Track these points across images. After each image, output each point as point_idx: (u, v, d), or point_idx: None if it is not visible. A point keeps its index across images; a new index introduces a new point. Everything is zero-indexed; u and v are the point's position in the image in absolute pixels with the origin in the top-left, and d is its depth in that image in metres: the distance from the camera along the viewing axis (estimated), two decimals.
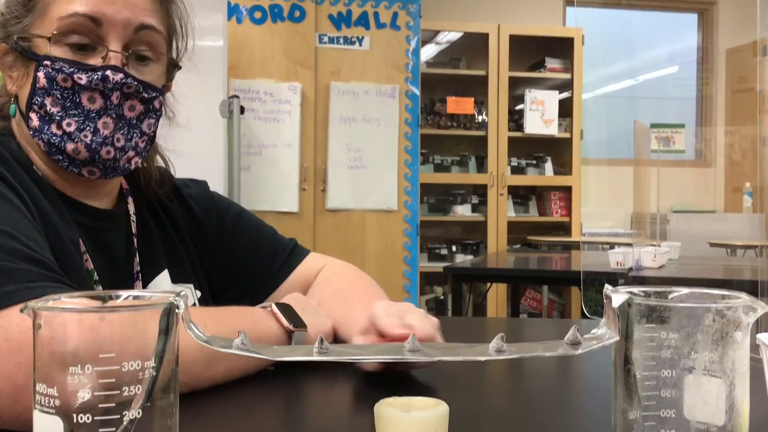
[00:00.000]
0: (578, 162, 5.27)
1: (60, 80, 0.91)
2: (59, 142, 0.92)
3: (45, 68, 0.91)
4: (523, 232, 5.40)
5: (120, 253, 1.02)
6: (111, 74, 0.91)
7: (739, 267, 3.76)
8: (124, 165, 0.97)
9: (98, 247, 0.97)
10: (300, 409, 0.82)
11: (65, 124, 0.91)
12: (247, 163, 3.91)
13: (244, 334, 0.53)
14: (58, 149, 0.92)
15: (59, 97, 0.91)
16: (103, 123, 0.92)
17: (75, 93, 0.91)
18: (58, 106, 0.91)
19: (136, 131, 0.96)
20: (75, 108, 0.91)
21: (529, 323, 2.41)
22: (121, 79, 0.92)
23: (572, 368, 1.04)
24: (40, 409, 0.47)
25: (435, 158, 5.25)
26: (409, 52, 4.22)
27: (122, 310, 0.51)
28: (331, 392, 0.86)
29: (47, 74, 0.91)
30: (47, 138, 0.92)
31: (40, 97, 0.92)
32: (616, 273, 3.00)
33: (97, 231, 0.98)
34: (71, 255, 0.90)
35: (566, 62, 5.34)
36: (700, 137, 6.23)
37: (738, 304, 0.52)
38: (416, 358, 0.55)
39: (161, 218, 1.10)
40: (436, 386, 0.84)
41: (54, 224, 0.89)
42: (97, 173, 0.95)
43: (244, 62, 4.00)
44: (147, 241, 1.06)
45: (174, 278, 1.07)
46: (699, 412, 0.53)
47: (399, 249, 4.21)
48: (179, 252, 1.10)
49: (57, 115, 0.91)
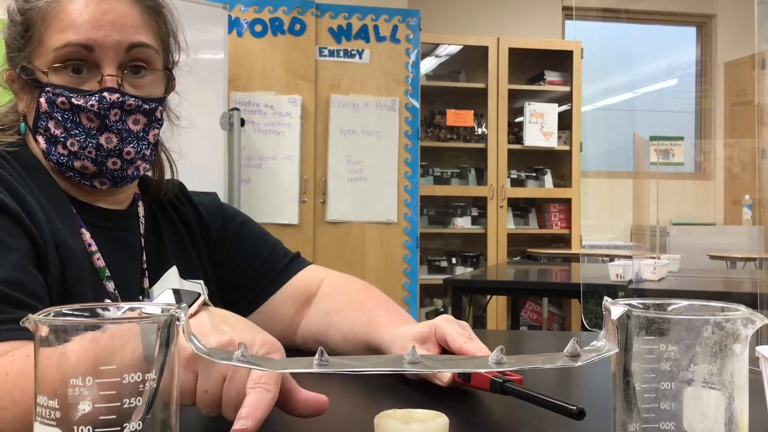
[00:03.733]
0: (578, 174, 5.27)
1: (59, 104, 0.96)
2: (67, 161, 0.97)
3: (46, 94, 0.96)
4: (522, 245, 5.40)
5: (133, 251, 1.05)
6: (108, 95, 0.95)
7: (738, 279, 3.76)
8: (133, 173, 1.01)
9: (111, 246, 1.01)
10: (299, 421, 0.82)
11: (69, 144, 0.96)
12: (248, 175, 3.92)
13: (245, 346, 0.54)
14: (67, 167, 0.98)
15: (60, 120, 0.96)
16: (106, 138, 0.97)
17: (75, 114, 0.96)
18: (60, 128, 0.96)
19: (144, 143, 1.01)
20: (76, 128, 0.96)
21: (529, 335, 2.40)
22: (118, 98, 0.96)
23: (572, 380, 1.04)
24: (41, 421, 0.47)
25: (435, 170, 5.26)
26: (409, 64, 4.23)
27: (123, 322, 0.51)
28: (331, 404, 0.86)
29: (48, 99, 0.96)
30: (56, 158, 0.98)
31: (44, 121, 0.97)
32: (616, 285, 3.00)
33: (110, 230, 1.03)
34: (78, 260, 0.93)
35: (565, 75, 5.36)
36: (699, 150, 6.24)
37: (737, 316, 0.53)
38: (416, 369, 0.55)
39: (172, 218, 1.14)
40: (435, 398, 0.84)
41: (60, 229, 0.92)
42: (107, 183, 1.00)
43: (245, 75, 4.01)
44: (155, 239, 1.10)
45: (183, 274, 1.10)
46: (698, 424, 0.53)
47: (399, 261, 4.21)
48: (189, 249, 1.14)
49: (61, 136, 0.97)
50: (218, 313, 0.75)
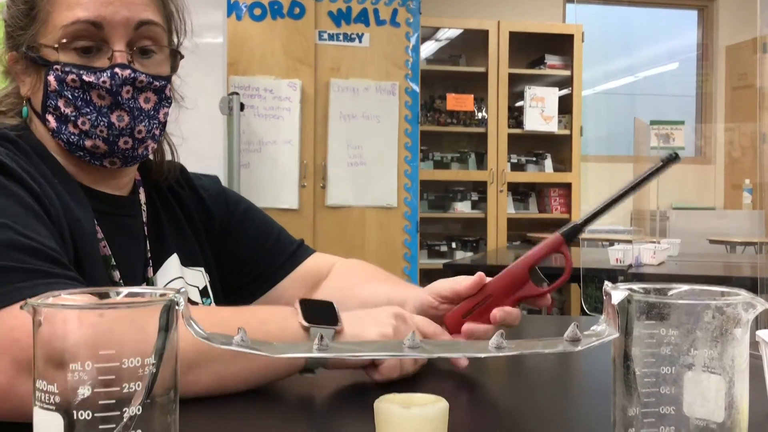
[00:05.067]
0: (578, 159, 5.26)
1: (69, 82, 0.94)
2: (78, 140, 0.96)
3: (55, 72, 0.95)
4: (522, 229, 5.39)
5: (136, 238, 1.05)
6: (119, 71, 0.94)
7: (738, 264, 3.76)
8: (142, 152, 1.01)
9: (115, 233, 1.00)
10: (300, 405, 0.82)
11: (80, 123, 0.95)
12: (247, 159, 3.91)
13: (244, 330, 0.53)
14: (78, 147, 0.96)
15: (71, 98, 0.95)
16: (117, 116, 0.96)
17: (85, 92, 0.95)
18: (71, 107, 0.95)
19: (155, 121, 1.00)
20: (87, 106, 0.95)
21: (528, 320, 2.41)
22: (129, 74, 0.95)
23: (572, 365, 1.04)
24: (40, 406, 0.47)
25: (435, 155, 5.25)
26: (409, 48, 4.21)
27: (122, 306, 0.51)
28: (330, 388, 0.86)
29: (57, 77, 0.95)
30: (66, 137, 0.96)
31: (53, 100, 0.96)
32: (615, 270, 3.00)
33: (114, 217, 1.02)
34: (91, 243, 0.93)
35: (566, 59, 5.33)
36: (699, 134, 6.22)
37: (738, 300, 0.52)
38: (416, 354, 0.55)
39: (171, 205, 1.13)
40: (435, 382, 0.84)
41: (74, 214, 0.92)
42: (118, 163, 0.99)
43: (244, 59, 3.99)
44: (156, 226, 1.09)
45: (184, 262, 1.10)
46: (698, 408, 0.53)
47: (399, 246, 4.21)
48: (189, 237, 1.13)
49: (72, 115, 0.95)
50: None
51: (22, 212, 0.83)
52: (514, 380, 0.96)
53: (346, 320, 0.86)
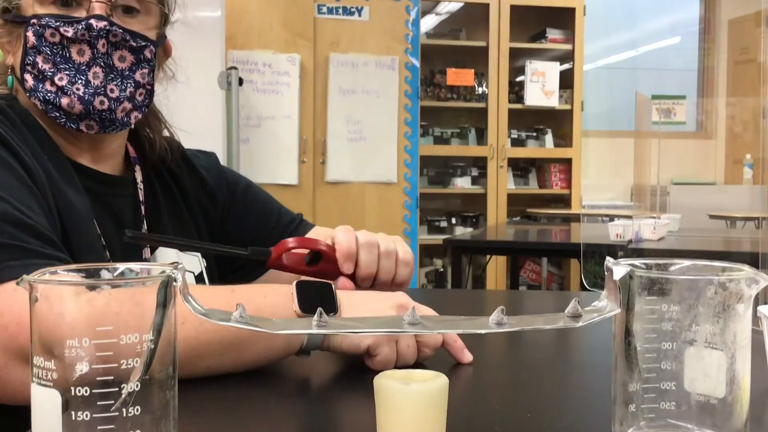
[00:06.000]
0: (579, 134, 5.24)
1: (48, 36, 0.92)
2: (54, 98, 0.93)
3: (33, 26, 0.92)
4: (522, 205, 5.39)
5: (127, 219, 1.02)
6: (95, 22, 0.91)
7: (738, 239, 3.76)
8: (123, 118, 0.97)
9: (105, 213, 0.98)
10: (299, 382, 0.82)
11: (57, 79, 0.92)
12: (246, 135, 3.89)
13: (243, 307, 0.53)
14: (54, 105, 0.93)
15: (49, 54, 0.92)
16: (93, 73, 0.93)
17: (64, 47, 0.92)
18: (49, 63, 0.92)
19: (130, 81, 0.96)
20: (65, 62, 0.92)
21: (528, 295, 2.41)
22: (105, 26, 0.92)
23: (572, 341, 1.04)
24: (37, 382, 0.47)
25: (435, 130, 5.22)
26: (409, 22, 4.17)
27: (119, 283, 0.51)
28: (330, 365, 0.86)
29: (35, 32, 0.92)
30: (42, 96, 0.93)
31: (32, 57, 0.93)
32: (615, 245, 3.00)
33: (104, 196, 0.99)
34: (81, 221, 0.90)
35: (567, 33, 5.29)
36: (701, 109, 6.19)
37: (741, 276, 0.52)
38: (416, 330, 0.55)
39: (170, 186, 1.11)
40: (435, 359, 0.84)
41: (63, 190, 0.90)
42: (95, 127, 0.95)
43: (242, 33, 3.96)
44: (154, 209, 1.07)
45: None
46: (700, 384, 0.53)
47: (398, 221, 4.21)
48: (186, 220, 1.11)
49: (49, 71, 0.92)
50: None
51: (17, 185, 0.82)
52: (514, 356, 0.96)
53: (345, 307, 0.83)
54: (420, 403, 0.54)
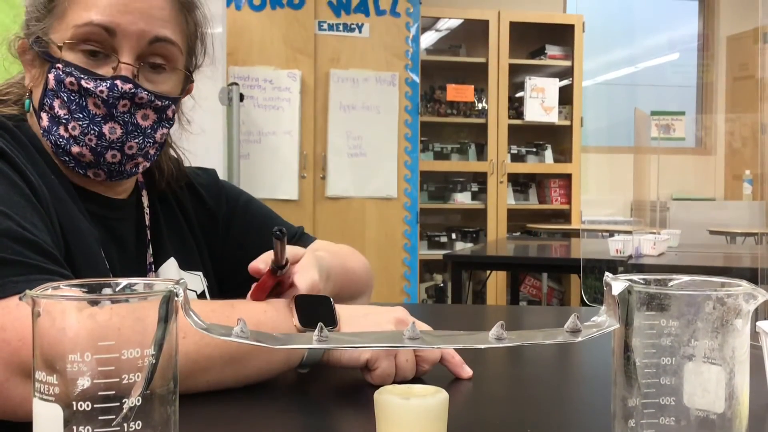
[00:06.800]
0: (578, 149, 5.25)
1: (68, 84, 0.91)
2: (65, 144, 0.93)
3: (56, 71, 0.92)
4: (522, 220, 5.39)
5: (130, 242, 1.02)
6: (120, 83, 0.91)
7: (738, 255, 3.76)
8: (131, 170, 0.98)
9: (108, 236, 0.98)
10: (299, 395, 0.82)
11: (71, 127, 0.92)
12: (247, 150, 3.90)
13: (244, 321, 0.53)
14: (64, 151, 0.93)
15: (66, 100, 0.92)
16: (110, 128, 0.93)
17: (82, 97, 0.92)
18: (65, 109, 0.92)
19: (150, 140, 0.97)
20: (81, 111, 0.92)
21: (528, 311, 2.41)
22: (130, 89, 0.92)
23: (572, 356, 1.04)
24: (39, 397, 0.47)
25: (435, 146, 5.24)
26: (409, 39, 4.20)
27: (121, 298, 0.51)
28: (330, 380, 0.86)
29: (57, 77, 0.92)
30: (54, 139, 0.93)
31: (50, 99, 0.93)
32: (615, 261, 3.00)
33: (107, 219, 0.99)
34: (85, 240, 0.91)
35: (567, 49, 5.32)
36: (700, 125, 6.21)
37: (739, 291, 0.52)
38: (416, 345, 0.55)
39: (172, 207, 1.11)
40: (435, 373, 0.85)
41: (67, 210, 0.90)
42: (102, 176, 0.96)
43: (243, 49, 3.98)
44: (156, 230, 1.07)
45: (182, 266, 1.08)
46: (699, 399, 0.53)
47: (399, 237, 4.21)
48: (188, 240, 1.11)
49: (64, 117, 0.92)
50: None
51: (21, 202, 0.82)
52: (514, 371, 0.96)
53: (344, 321, 0.83)
54: (420, 418, 0.54)
